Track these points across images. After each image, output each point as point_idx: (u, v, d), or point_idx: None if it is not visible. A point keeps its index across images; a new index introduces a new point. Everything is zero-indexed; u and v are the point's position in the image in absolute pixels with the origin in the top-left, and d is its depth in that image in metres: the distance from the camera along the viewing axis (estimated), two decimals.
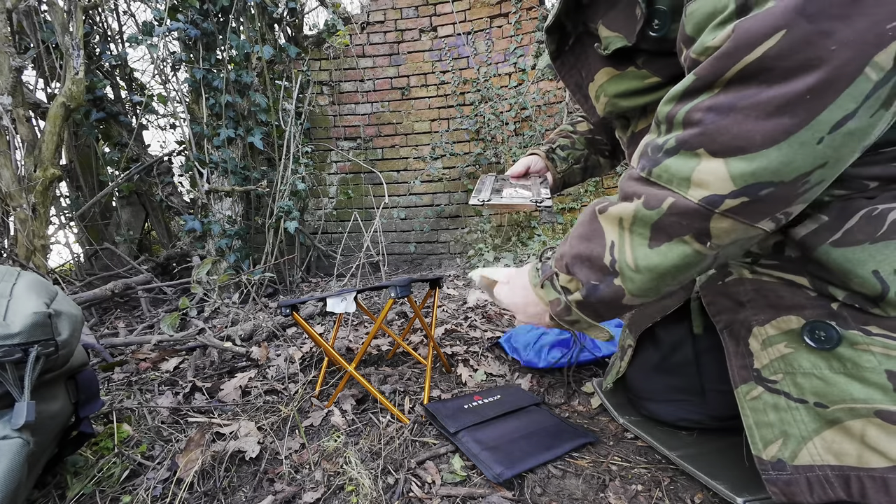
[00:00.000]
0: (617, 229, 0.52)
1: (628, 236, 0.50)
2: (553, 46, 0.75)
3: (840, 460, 0.49)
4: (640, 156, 0.50)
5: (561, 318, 0.60)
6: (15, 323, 0.64)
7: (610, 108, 0.72)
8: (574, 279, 0.57)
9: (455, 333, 1.62)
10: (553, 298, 0.60)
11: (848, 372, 0.49)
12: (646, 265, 0.50)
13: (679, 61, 0.54)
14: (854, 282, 0.49)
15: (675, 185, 0.46)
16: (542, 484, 0.78)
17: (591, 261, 0.54)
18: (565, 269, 0.58)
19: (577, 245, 0.56)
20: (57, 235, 2.45)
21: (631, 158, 0.73)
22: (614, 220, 0.52)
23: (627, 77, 0.66)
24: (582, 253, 0.55)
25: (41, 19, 2.12)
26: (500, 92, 3.29)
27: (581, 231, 0.57)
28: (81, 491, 0.80)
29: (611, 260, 0.52)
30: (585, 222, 0.57)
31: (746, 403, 0.58)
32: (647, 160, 0.49)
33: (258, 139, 2.50)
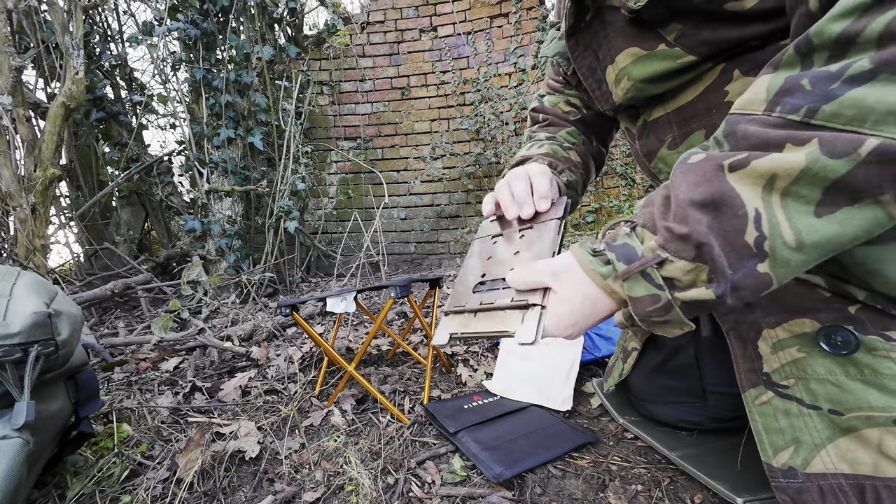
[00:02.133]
0: (761, 192, 0.37)
1: (780, 201, 0.37)
2: (571, 21, 0.64)
3: (854, 469, 0.47)
4: (775, 94, 0.38)
5: (647, 318, 0.44)
6: (15, 323, 0.64)
7: (633, 94, 0.63)
8: (698, 267, 0.40)
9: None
10: (643, 295, 0.43)
11: (865, 379, 0.47)
12: (814, 241, 0.36)
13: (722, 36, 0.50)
14: (877, 282, 0.46)
15: (872, 123, 0.33)
16: (542, 484, 0.78)
17: (726, 237, 0.39)
18: (688, 252, 0.40)
19: (698, 215, 0.40)
20: (57, 235, 2.45)
21: (640, 151, 0.69)
22: (759, 178, 0.37)
23: (657, 57, 0.57)
24: (713, 226, 0.39)
25: (41, 19, 2.12)
26: (500, 92, 3.29)
27: (700, 195, 0.40)
28: (81, 491, 0.80)
29: (757, 237, 0.37)
30: (702, 182, 0.40)
31: (755, 408, 0.55)
32: (803, 96, 0.36)
33: (258, 139, 2.50)
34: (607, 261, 0.46)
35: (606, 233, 0.49)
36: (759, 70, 0.53)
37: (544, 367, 1.08)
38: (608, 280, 0.46)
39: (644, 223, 0.45)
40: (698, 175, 0.41)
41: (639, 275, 0.43)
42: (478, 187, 3.48)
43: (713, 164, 0.40)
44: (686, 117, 0.61)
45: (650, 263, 0.42)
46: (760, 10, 0.49)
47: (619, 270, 0.44)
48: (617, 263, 0.45)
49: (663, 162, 0.66)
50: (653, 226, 0.44)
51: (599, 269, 0.46)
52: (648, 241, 0.44)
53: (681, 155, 0.63)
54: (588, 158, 0.87)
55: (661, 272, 0.42)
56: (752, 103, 0.40)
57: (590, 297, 0.47)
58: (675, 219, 0.42)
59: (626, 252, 0.45)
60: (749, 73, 0.54)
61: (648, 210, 0.46)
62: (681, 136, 0.62)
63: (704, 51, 0.54)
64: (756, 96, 0.40)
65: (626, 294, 0.45)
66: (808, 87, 0.37)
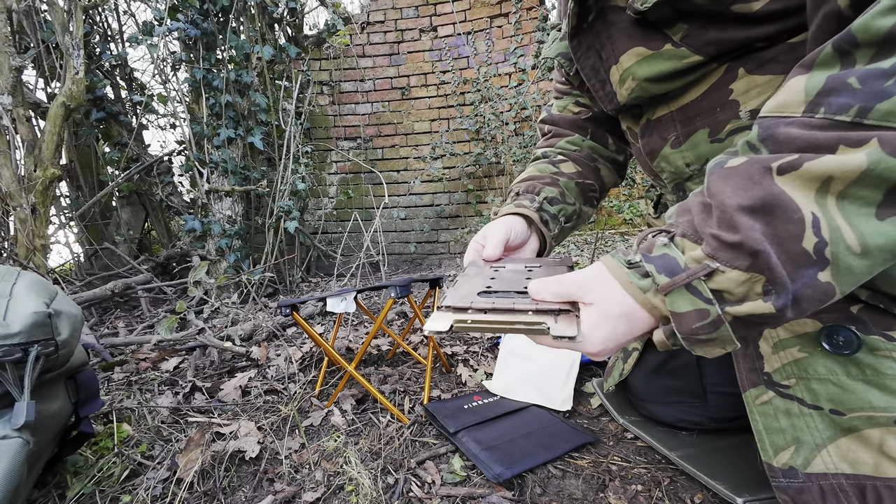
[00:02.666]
0: (815, 196, 0.35)
1: (837, 205, 0.34)
2: (574, 21, 0.64)
3: (855, 469, 0.47)
4: (816, 95, 0.36)
5: (693, 336, 0.39)
6: (15, 323, 0.64)
7: (638, 94, 0.62)
8: (752, 278, 0.36)
9: (455, 333, 1.62)
10: (689, 311, 0.39)
11: (867, 379, 0.47)
12: (880, 244, 0.34)
13: (728, 37, 0.50)
14: (881, 281, 0.45)
15: None
16: (542, 484, 0.78)
17: (781, 244, 0.35)
18: (742, 262, 0.36)
19: (749, 221, 0.36)
20: (57, 235, 2.45)
21: (643, 150, 0.69)
22: (813, 181, 0.34)
23: (662, 57, 0.56)
24: (766, 234, 0.36)
25: (41, 19, 2.12)
26: (500, 92, 3.29)
27: (749, 199, 0.36)
28: (81, 491, 0.80)
29: (816, 243, 0.34)
30: (748, 185, 0.37)
31: (756, 408, 0.55)
32: (851, 95, 0.34)
33: (258, 139, 2.50)
34: (645, 273, 0.41)
35: (640, 243, 0.44)
36: (765, 68, 0.52)
37: (544, 367, 1.08)
38: (648, 294, 0.41)
39: (684, 232, 0.41)
40: (743, 178, 0.37)
41: (683, 288, 0.39)
42: (478, 187, 3.47)
43: (759, 167, 0.37)
44: (690, 116, 0.60)
45: (698, 275, 0.38)
46: (768, 11, 0.49)
47: (660, 284, 0.40)
48: (657, 276, 0.40)
49: (665, 161, 0.65)
50: (695, 235, 0.40)
51: (638, 283, 0.41)
52: (691, 251, 0.39)
53: (684, 155, 0.63)
54: (597, 162, 0.85)
55: (710, 284, 0.38)
56: (787, 105, 0.38)
57: (627, 312, 0.42)
58: (722, 226, 0.38)
59: (666, 264, 0.40)
60: (754, 72, 0.53)
61: (686, 219, 0.42)
62: (684, 134, 0.62)
63: (711, 51, 0.54)
64: (793, 97, 0.38)
65: (668, 310, 0.40)
66: (856, 85, 0.34)
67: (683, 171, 0.63)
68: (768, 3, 0.48)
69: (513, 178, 3.30)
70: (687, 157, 0.62)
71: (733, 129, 0.56)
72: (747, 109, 0.54)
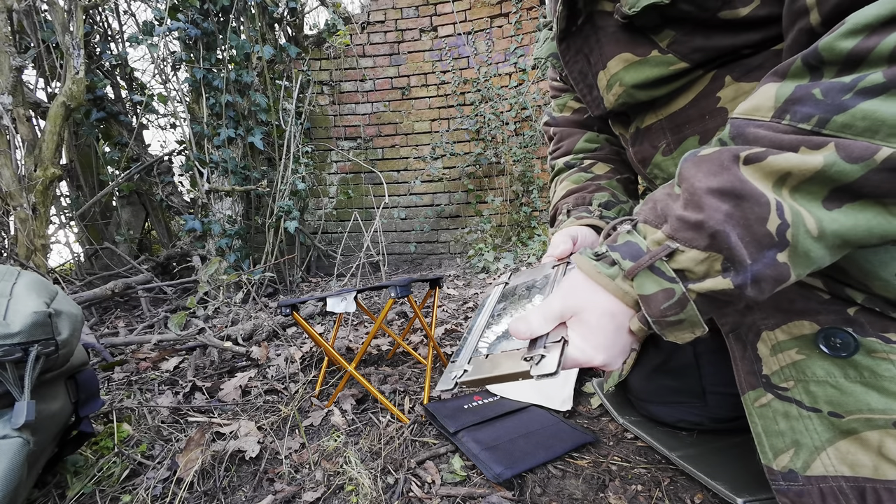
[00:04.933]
0: (772, 187, 0.37)
1: (790, 196, 0.37)
2: (563, 25, 0.64)
3: (855, 471, 0.47)
4: (784, 102, 0.39)
5: (662, 319, 0.41)
6: (15, 322, 0.64)
7: (624, 100, 0.62)
8: (711, 257, 0.38)
9: (455, 333, 1.62)
10: (656, 291, 0.40)
11: (865, 381, 0.47)
12: (834, 230, 0.37)
13: (714, 44, 0.50)
14: (875, 284, 0.46)
15: (885, 135, 0.35)
16: (542, 484, 0.78)
17: (747, 226, 0.37)
18: (700, 241, 0.39)
19: (716, 203, 0.38)
20: (57, 235, 2.45)
21: (634, 157, 0.69)
22: (772, 174, 0.37)
23: (649, 64, 0.57)
24: (733, 214, 0.38)
25: (41, 19, 2.12)
26: (500, 92, 3.29)
27: (719, 183, 0.38)
28: (81, 490, 0.80)
29: (779, 225, 0.37)
30: (718, 171, 0.39)
31: (755, 410, 0.55)
32: (814, 105, 0.37)
33: (258, 139, 2.50)
34: (612, 261, 0.43)
35: (607, 236, 0.46)
36: (751, 76, 0.53)
37: None
38: (617, 281, 0.42)
39: (646, 219, 0.43)
40: (714, 164, 0.39)
41: (648, 270, 0.41)
42: (478, 187, 3.48)
43: (729, 154, 0.39)
44: (679, 123, 0.61)
45: (659, 256, 0.40)
46: (754, 18, 0.49)
47: (625, 269, 0.41)
48: (623, 262, 0.42)
49: (658, 168, 0.66)
50: (656, 219, 0.42)
51: (605, 271, 0.43)
52: (652, 234, 0.42)
53: (676, 162, 0.62)
54: (620, 153, 0.85)
55: (672, 264, 0.40)
56: (758, 109, 0.40)
57: (607, 308, 0.43)
58: (688, 207, 0.40)
59: (630, 250, 0.42)
60: (741, 79, 0.54)
61: (648, 206, 0.44)
62: (675, 142, 0.62)
63: (697, 57, 0.54)
64: (763, 102, 0.40)
65: (636, 293, 0.41)
66: (819, 96, 0.37)
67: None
68: (755, 9, 0.49)
69: (513, 177, 3.31)
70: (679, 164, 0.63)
71: None
72: None
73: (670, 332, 0.42)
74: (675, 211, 0.41)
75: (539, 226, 3.22)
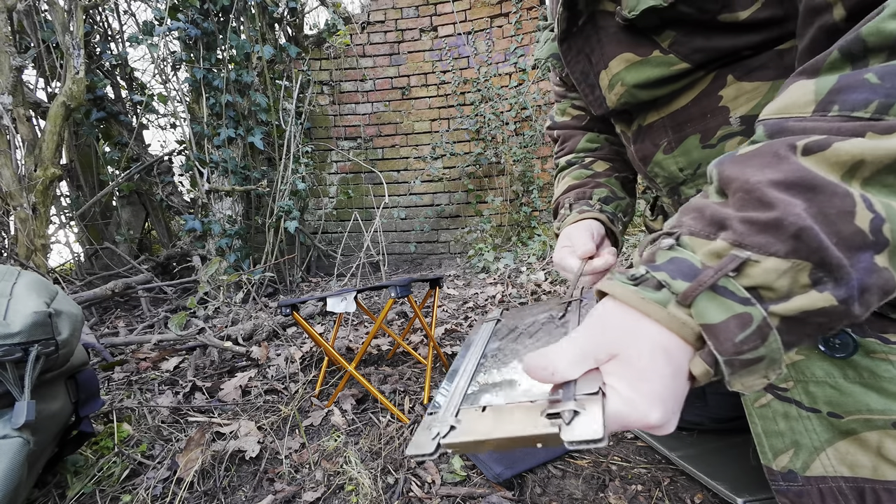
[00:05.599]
0: (839, 179, 0.30)
1: (860, 188, 0.30)
2: (564, 25, 0.64)
3: (854, 472, 0.47)
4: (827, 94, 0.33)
5: (737, 356, 0.30)
6: (15, 322, 0.64)
7: (626, 99, 0.62)
8: (795, 266, 0.29)
9: (455, 333, 1.62)
10: (725, 319, 0.30)
11: (864, 382, 0.47)
12: None
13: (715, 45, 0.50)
14: None
15: None
16: (542, 484, 0.78)
17: (829, 223, 0.29)
18: (780, 246, 0.29)
19: (787, 197, 0.30)
20: (57, 235, 2.45)
21: (636, 155, 0.69)
22: (840, 164, 0.30)
23: (650, 64, 0.57)
24: (809, 210, 0.29)
25: (41, 19, 2.12)
26: (500, 92, 3.29)
27: (783, 174, 0.31)
28: (81, 490, 0.80)
29: (872, 219, 0.29)
30: (774, 162, 0.32)
31: (755, 411, 0.55)
32: (870, 91, 0.31)
33: (258, 139, 2.50)
34: (658, 284, 0.32)
35: (640, 255, 0.37)
36: (753, 75, 0.53)
37: None
38: (669, 308, 0.31)
39: (692, 230, 0.34)
40: (766, 157, 0.32)
41: (710, 291, 0.30)
42: (478, 187, 3.48)
43: (784, 144, 0.32)
44: (680, 122, 0.61)
45: (725, 270, 0.30)
46: (754, 20, 0.49)
47: (679, 291, 0.31)
48: (673, 283, 0.31)
49: (659, 166, 0.66)
50: (706, 229, 0.33)
51: (651, 296, 0.32)
52: (705, 246, 0.32)
53: (676, 160, 0.63)
54: (620, 152, 0.86)
55: (741, 280, 0.30)
56: (794, 106, 0.35)
57: (659, 343, 0.31)
58: (748, 206, 0.31)
59: (680, 267, 0.32)
60: (742, 79, 0.54)
61: (691, 216, 0.35)
62: (675, 140, 0.62)
63: (698, 58, 0.54)
64: (798, 99, 0.35)
65: (698, 322, 0.30)
66: (875, 80, 0.32)
67: (677, 176, 0.64)
68: (755, 13, 0.49)
69: (513, 177, 3.31)
70: (680, 162, 0.63)
71: (724, 136, 0.57)
72: (737, 115, 0.55)
73: (741, 376, 0.31)
74: (733, 214, 0.32)
75: (539, 226, 3.22)
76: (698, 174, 0.62)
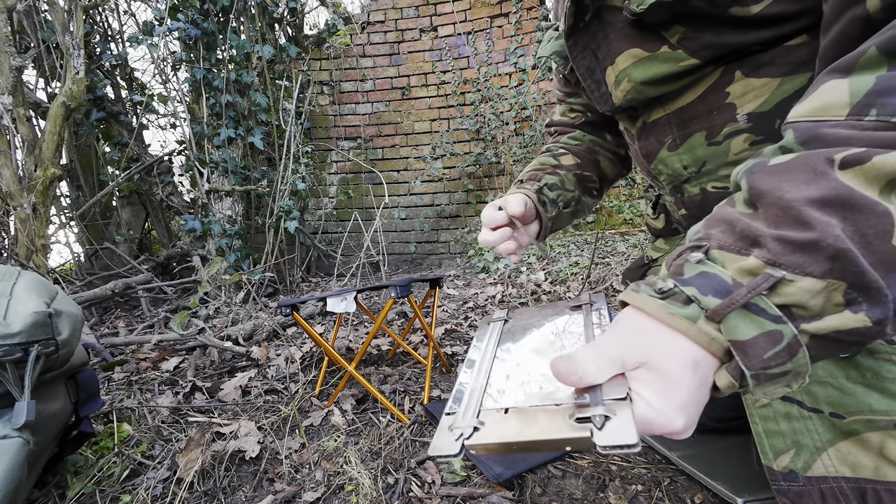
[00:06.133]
0: (879, 195, 0.30)
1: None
2: (571, 21, 0.63)
3: (856, 472, 0.47)
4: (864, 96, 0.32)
5: (765, 371, 0.31)
6: (15, 322, 0.64)
7: (633, 96, 0.61)
8: (830, 286, 0.30)
9: (455, 333, 1.62)
10: (755, 336, 0.31)
11: (867, 382, 0.46)
12: None
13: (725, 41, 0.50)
14: None
15: None
16: (542, 484, 0.78)
17: (865, 244, 0.29)
18: (817, 266, 0.30)
19: (824, 217, 0.30)
20: (57, 235, 2.45)
21: (640, 152, 0.69)
22: (880, 178, 0.29)
23: (658, 60, 0.56)
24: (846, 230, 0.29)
25: (41, 19, 2.12)
26: (500, 92, 3.29)
27: (820, 192, 0.30)
28: (81, 490, 0.80)
29: None
30: (811, 178, 0.31)
31: (756, 411, 0.54)
32: None
33: (258, 139, 2.50)
34: (687, 299, 0.33)
35: (668, 268, 0.37)
36: (761, 72, 0.52)
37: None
38: (699, 324, 0.32)
39: (721, 244, 0.33)
40: (803, 171, 0.31)
41: (743, 309, 0.31)
42: (478, 187, 3.48)
43: (821, 158, 0.31)
44: (686, 119, 0.60)
45: (759, 289, 0.30)
46: (766, 15, 0.48)
47: (710, 308, 0.31)
48: (704, 299, 0.32)
49: (663, 163, 0.65)
50: (738, 244, 0.33)
51: (681, 312, 0.32)
52: (736, 263, 0.32)
53: (681, 157, 0.62)
54: (597, 154, 0.87)
55: (774, 298, 0.30)
56: (828, 108, 0.33)
57: (689, 356, 0.32)
58: (785, 224, 0.31)
59: (711, 283, 0.32)
60: (750, 75, 0.53)
61: (720, 228, 0.35)
62: (681, 137, 0.62)
63: (707, 54, 0.53)
64: (832, 100, 0.33)
65: (727, 338, 0.31)
66: None
67: (681, 173, 0.64)
68: (766, 7, 0.48)
69: (513, 177, 3.31)
70: (684, 159, 0.62)
71: (730, 133, 0.56)
72: (744, 113, 0.54)
73: (765, 387, 0.32)
74: (766, 231, 0.31)
75: None
76: (702, 172, 0.61)
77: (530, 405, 0.35)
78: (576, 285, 2.10)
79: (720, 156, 0.59)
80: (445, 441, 0.33)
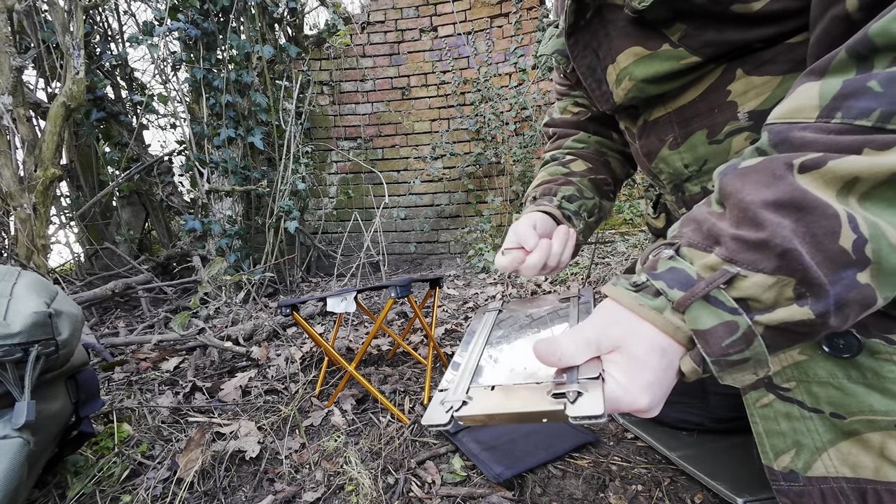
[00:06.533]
0: (836, 196, 0.32)
1: (860, 205, 0.32)
2: (571, 19, 0.63)
3: (856, 472, 0.47)
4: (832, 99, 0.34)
5: (723, 358, 0.34)
6: (15, 322, 0.64)
7: (634, 94, 0.61)
8: (780, 281, 0.33)
9: (455, 333, 1.62)
10: (714, 325, 0.34)
11: (868, 382, 0.46)
12: None
13: (727, 38, 0.50)
14: None
15: None
16: (542, 484, 0.78)
17: (815, 243, 0.32)
18: (767, 263, 0.33)
19: (776, 218, 0.33)
20: (57, 235, 2.45)
21: (640, 151, 0.69)
22: (836, 181, 0.32)
23: (659, 58, 0.56)
24: (797, 230, 0.32)
25: (41, 19, 2.12)
26: (500, 92, 3.29)
27: (775, 194, 0.33)
28: (81, 490, 0.80)
29: (855, 240, 0.31)
30: (770, 182, 0.34)
31: (756, 411, 0.54)
32: (872, 99, 0.32)
33: (258, 139, 2.50)
34: (656, 292, 0.37)
35: (643, 263, 0.40)
36: (762, 69, 0.52)
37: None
38: (665, 314, 0.36)
39: (690, 241, 0.37)
40: (764, 175, 0.34)
41: (703, 300, 0.34)
42: (478, 187, 3.48)
43: (781, 163, 0.34)
44: (687, 117, 0.60)
45: (716, 283, 0.34)
46: (768, 12, 0.48)
47: (674, 299, 0.35)
48: (670, 291, 0.36)
49: (664, 162, 0.65)
50: (704, 242, 0.36)
51: (649, 303, 0.36)
52: (701, 259, 0.36)
53: (682, 156, 0.62)
54: (606, 156, 0.85)
55: (732, 292, 0.34)
56: (799, 111, 0.36)
57: (656, 342, 0.36)
58: (742, 225, 0.34)
59: (677, 277, 0.36)
60: (752, 73, 0.53)
61: (690, 228, 0.38)
62: (682, 135, 0.61)
63: (709, 52, 0.53)
64: (804, 103, 0.36)
65: (690, 328, 0.35)
66: (878, 88, 0.33)
67: (682, 172, 0.63)
68: (768, 4, 0.48)
69: (513, 177, 3.31)
70: (685, 158, 0.62)
71: (731, 131, 0.56)
72: (745, 111, 0.54)
73: (730, 373, 0.35)
74: (727, 230, 0.35)
75: None
76: (703, 170, 0.61)
77: (514, 383, 0.40)
78: (576, 285, 2.10)
79: (721, 154, 0.58)
80: (437, 413, 0.38)
